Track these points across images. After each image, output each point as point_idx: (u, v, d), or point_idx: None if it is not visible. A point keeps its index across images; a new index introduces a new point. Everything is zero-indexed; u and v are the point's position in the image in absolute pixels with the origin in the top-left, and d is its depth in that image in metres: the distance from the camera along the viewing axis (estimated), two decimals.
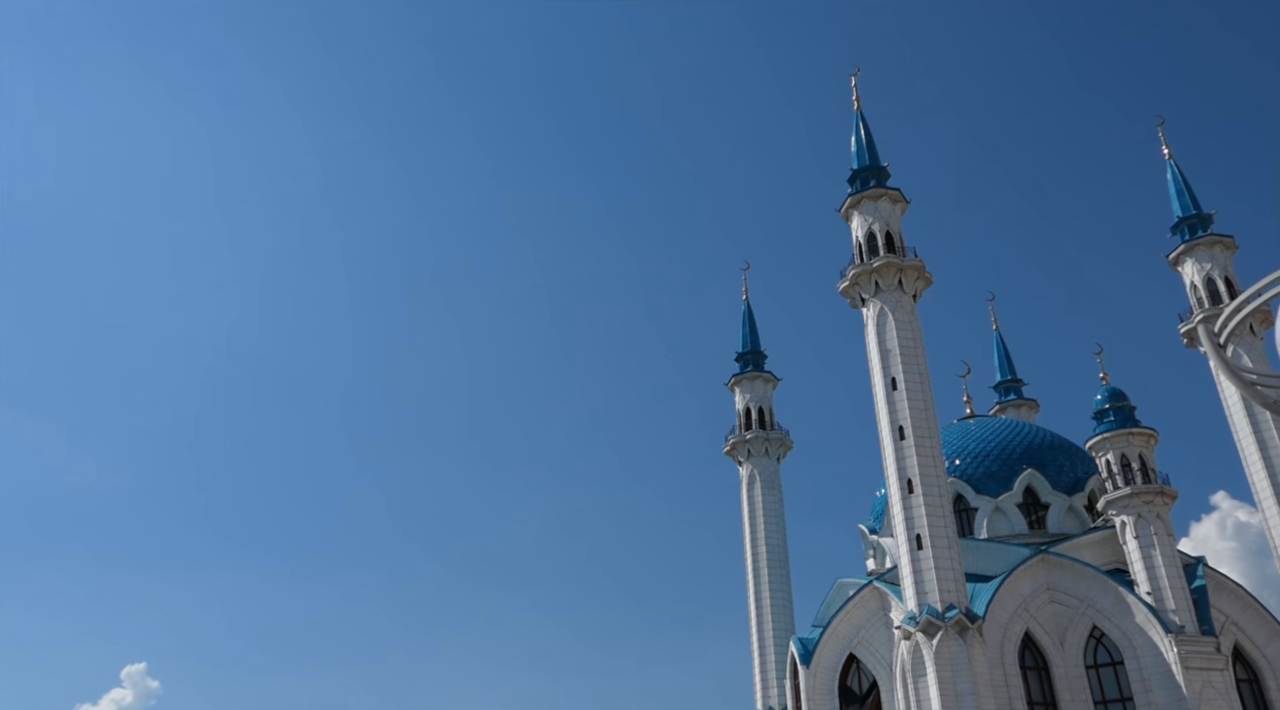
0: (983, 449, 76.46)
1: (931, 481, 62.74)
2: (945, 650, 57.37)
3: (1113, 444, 64.66)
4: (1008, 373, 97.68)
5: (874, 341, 68.49)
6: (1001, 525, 72.16)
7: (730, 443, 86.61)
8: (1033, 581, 63.29)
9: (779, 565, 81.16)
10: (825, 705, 65.85)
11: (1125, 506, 62.76)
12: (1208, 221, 73.63)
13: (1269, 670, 60.63)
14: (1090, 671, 60.75)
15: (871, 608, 67.14)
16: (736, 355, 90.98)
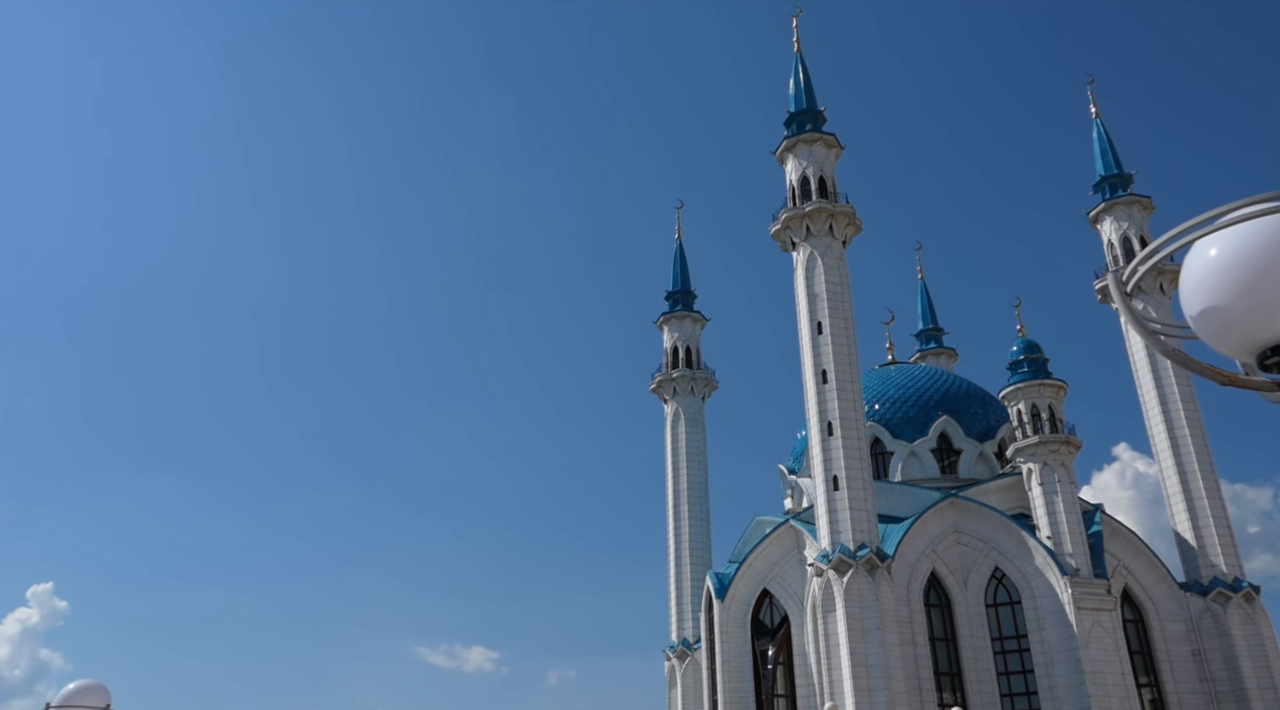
0: (902, 395, 78.34)
1: (851, 425, 64.26)
2: (855, 587, 59.41)
3: (1024, 394, 66.79)
4: (930, 321, 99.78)
5: (802, 285, 69.29)
6: (915, 469, 74.35)
7: (657, 380, 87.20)
8: (941, 524, 65.65)
9: (699, 502, 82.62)
10: (738, 638, 67.81)
11: (1032, 454, 65.17)
12: (1128, 181, 75.63)
13: (1154, 611, 64.20)
14: (990, 610, 63.57)
15: (787, 545, 68.98)
16: (666, 294, 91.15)
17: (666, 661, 78.53)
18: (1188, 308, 3.65)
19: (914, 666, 60.22)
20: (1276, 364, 3.48)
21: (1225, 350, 3.61)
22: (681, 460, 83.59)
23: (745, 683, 66.53)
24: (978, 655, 62.31)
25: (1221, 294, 3.49)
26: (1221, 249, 3.51)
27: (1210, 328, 3.58)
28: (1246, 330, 3.48)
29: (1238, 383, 3.55)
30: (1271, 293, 3.37)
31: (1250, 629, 62.52)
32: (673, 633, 79.05)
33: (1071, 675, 58.92)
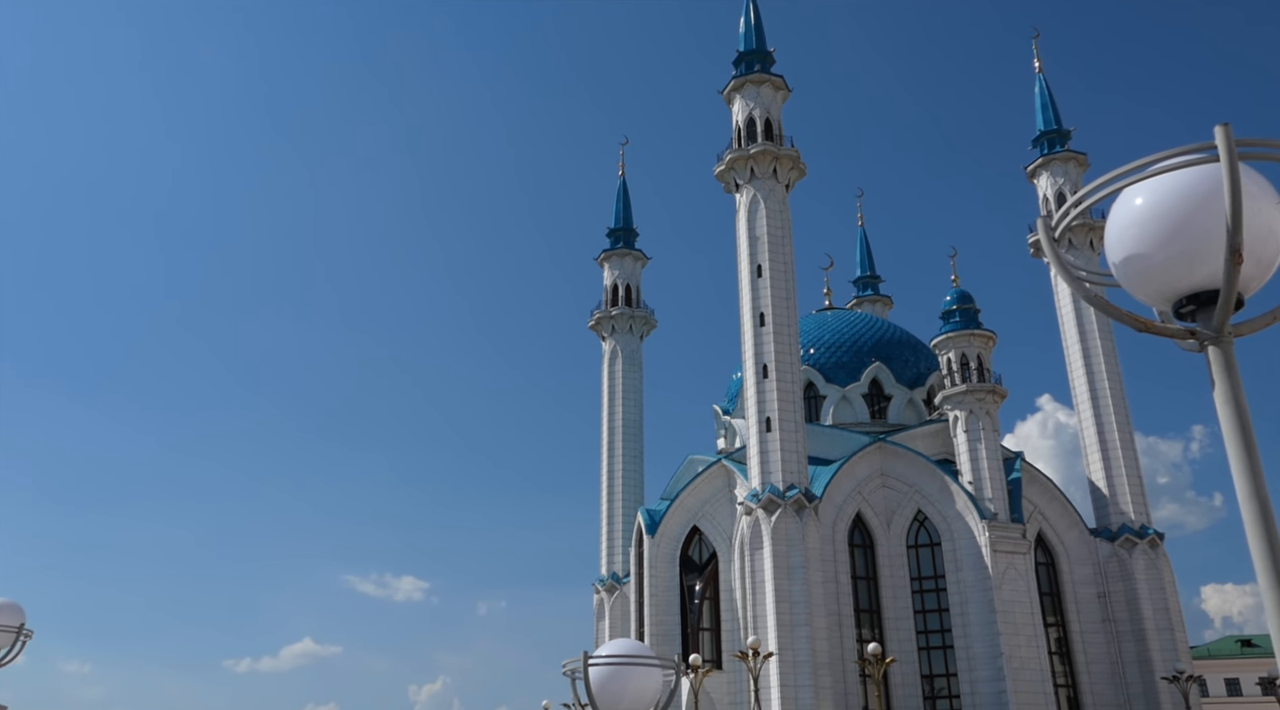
0: (836, 340, 79.44)
1: (786, 368, 65.12)
2: (782, 526, 60.80)
3: (955, 343, 68.21)
4: (867, 268, 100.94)
5: (744, 228, 69.43)
6: (846, 413, 75.79)
7: (595, 318, 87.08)
8: (869, 467, 67.25)
9: (633, 440, 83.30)
10: (666, 573, 69.09)
11: (960, 402, 66.84)
12: (1066, 137, 76.76)
13: (1065, 555, 66.94)
14: (911, 551, 65.65)
15: (718, 484, 70.11)
16: (608, 231, 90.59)
17: (595, 594, 79.79)
18: (1112, 255, 3.73)
19: (835, 603, 62.12)
20: (1191, 313, 3.59)
21: (1144, 298, 3.71)
22: (617, 398, 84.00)
23: (672, 616, 68.00)
24: (897, 594, 64.47)
25: (1144, 242, 3.57)
26: (1147, 198, 3.58)
27: (1131, 275, 3.67)
28: (1166, 279, 3.57)
29: (1154, 330, 3.65)
30: (1192, 243, 3.46)
31: (1153, 573, 65.61)
32: (602, 566, 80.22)
33: (984, 614, 61.36)
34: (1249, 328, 3.56)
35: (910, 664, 62.28)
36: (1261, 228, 3.45)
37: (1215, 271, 3.44)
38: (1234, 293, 3.41)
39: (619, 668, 7.20)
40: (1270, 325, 3.58)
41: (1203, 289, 3.52)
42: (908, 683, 62.02)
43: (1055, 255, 3.75)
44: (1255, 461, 3.38)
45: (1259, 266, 3.47)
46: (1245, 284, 3.47)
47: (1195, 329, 3.58)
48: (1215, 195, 3.40)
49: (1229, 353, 3.53)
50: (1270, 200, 3.53)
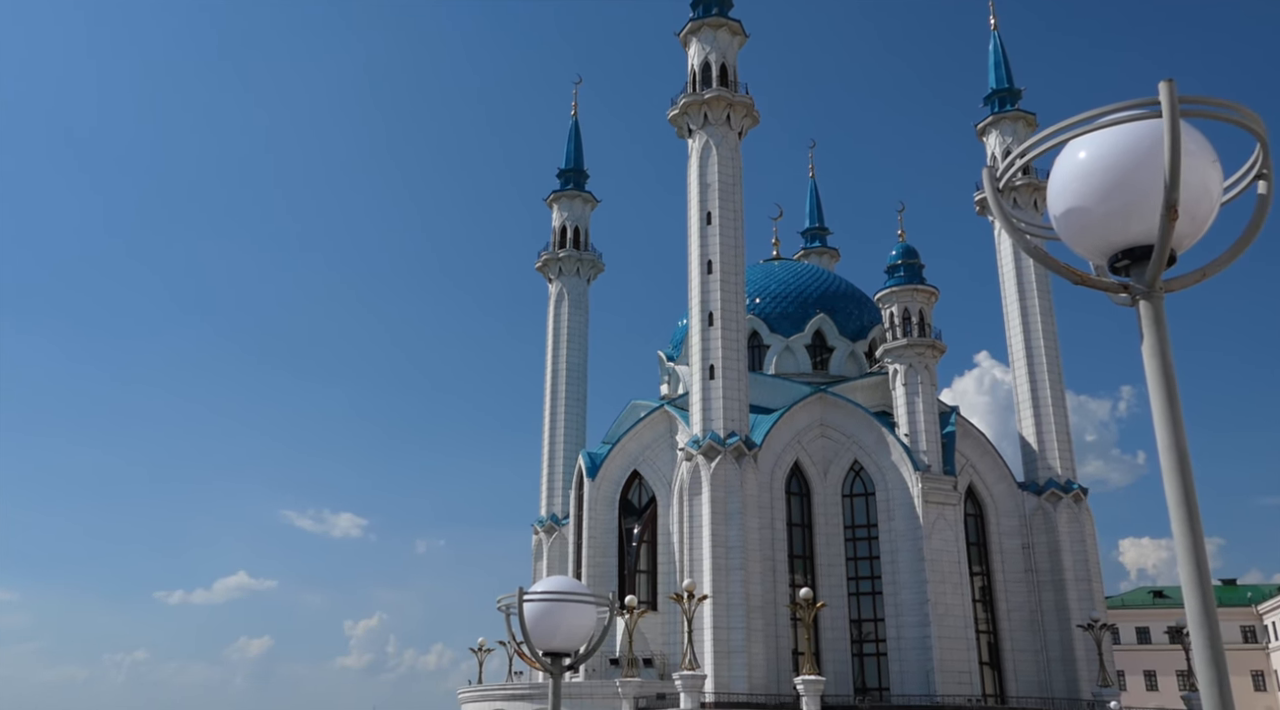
0: (782, 291, 79.92)
1: (731, 316, 65.45)
2: (721, 473, 61.62)
3: (898, 298, 69.06)
4: (816, 220, 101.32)
5: (695, 174, 69.10)
6: (789, 363, 76.60)
7: (543, 259, 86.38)
8: (809, 417, 68.22)
9: (577, 383, 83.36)
10: (605, 515, 69.77)
11: (900, 356, 67.91)
12: (1017, 96, 77.31)
13: (993, 507, 68.94)
14: (846, 500, 67.06)
15: (660, 429, 70.63)
16: (559, 171, 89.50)
17: (534, 535, 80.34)
18: (1053, 208, 3.76)
19: (770, 549, 63.37)
20: (1126, 268, 3.65)
21: (1082, 251, 3.75)
22: (562, 340, 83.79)
23: (609, 558, 68.83)
24: (830, 541, 65.94)
25: (1085, 196, 3.61)
26: (1090, 152, 3.61)
27: (1071, 228, 3.70)
28: (1103, 233, 3.61)
29: (1089, 282, 3.71)
30: (1130, 197, 3.50)
31: (1075, 527, 67.95)
32: (542, 508, 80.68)
33: (913, 562, 63.12)
34: (1180, 284, 3.63)
35: (840, 609, 63.98)
36: (1198, 186, 3.50)
37: (1151, 227, 3.49)
38: (1167, 249, 3.46)
39: (553, 604, 7.26)
40: (1199, 282, 3.65)
41: (1138, 244, 3.57)
42: (837, 626, 63.76)
43: (998, 205, 3.78)
44: (1176, 413, 3.48)
45: (1193, 224, 3.53)
46: (1179, 241, 3.53)
47: (1128, 283, 3.64)
48: (1156, 151, 3.43)
49: (1159, 308, 3.60)
50: (1208, 159, 3.58)
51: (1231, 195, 3.68)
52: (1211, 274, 3.61)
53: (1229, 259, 3.60)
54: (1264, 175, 3.65)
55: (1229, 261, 3.60)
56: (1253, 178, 3.66)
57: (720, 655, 57.67)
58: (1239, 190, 3.67)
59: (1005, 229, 3.83)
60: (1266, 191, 3.63)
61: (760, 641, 59.32)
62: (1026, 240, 3.84)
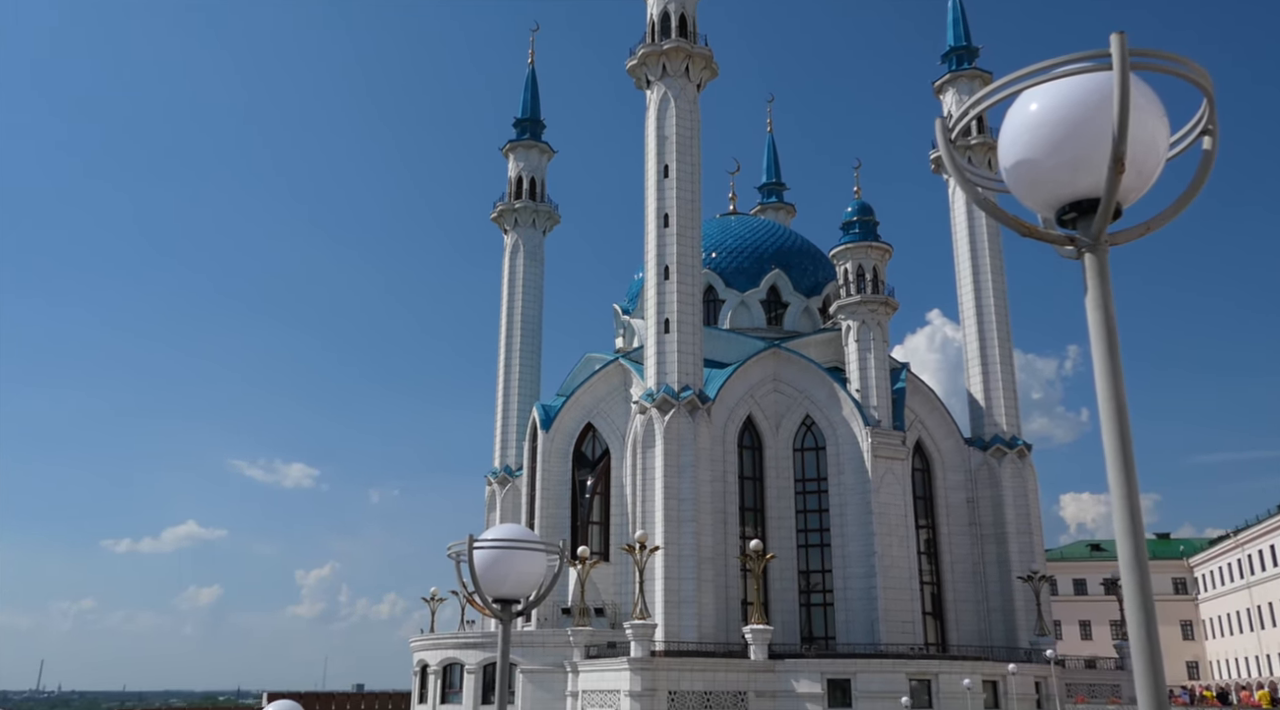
0: (738, 246, 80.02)
1: (687, 270, 65.48)
2: (675, 426, 62.05)
3: (853, 254, 69.50)
4: (773, 175, 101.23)
5: (653, 126, 68.58)
6: (744, 318, 76.97)
7: (498, 210, 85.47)
8: (762, 371, 68.80)
9: (531, 335, 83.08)
10: (559, 467, 70.04)
11: (853, 312, 68.54)
12: (974, 54, 77.52)
13: (940, 462, 70.34)
14: (797, 454, 67.98)
15: (614, 382, 70.82)
16: (515, 121, 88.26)
17: (488, 486, 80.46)
18: (1003, 159, 3.77)
19: (722, 502, 64.18)
20: (1073, 221, 3.68)
21: (1031, 204, 3.78)
22: (518, 292, 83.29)
23: (563, 509, 69.25)
24: (781, 494, 66.93)
25: (1035, 148, 3.62)
26: (1041, 104, 3.62)
27: (1020, 181, 3.72)
28: (1052, 185, 3.64)
29: (1036, 234, 3.74)
30: (1080, 150, 3.52)
31: (1018, 482, 69.64)
32: (496, 459, 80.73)
33: (861, 515, 64.35)
34: (1124, 237, 3.68)
35: (789, 560, 65.14)
36: (1146, 139, 3.53)
37: (1098, 180, 3.51)
38: (1113, 201, 3.50)
39: (503, 551, 7.28)
40: (1143, 236, 3.70)
41: (1085, 197, 3.60)
42: (786, 577, 64.96)
43: (950, 155, 3.78)
44: (1117, 365, 3.54)
45: (1139, 178, 3.56)
46: (1125, 194, 3.56)
47: (1075, 236, 3.68)
48: (1106, 104, 3.45)
49: (1104, 261, 3.64)
50: (1156, 113, 3.61)
51: (1177, 151, 3.72)
52: (1155, 228, 3.66)
53: (1173, 213, 3.65)
54: (1209, 131, 3.70)
55: (1173, 216, 3.65)
56: (1198, 133, 3.70)
57: (671, 605, 58.55)
58: (1185, 146, 3.71)
59: (956, 179, 3.84)
60: (1211, 147, 3.68)
61: (710, 592, 60.29)
62: (977, 192, 3.86)
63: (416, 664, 66.62)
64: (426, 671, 64.69)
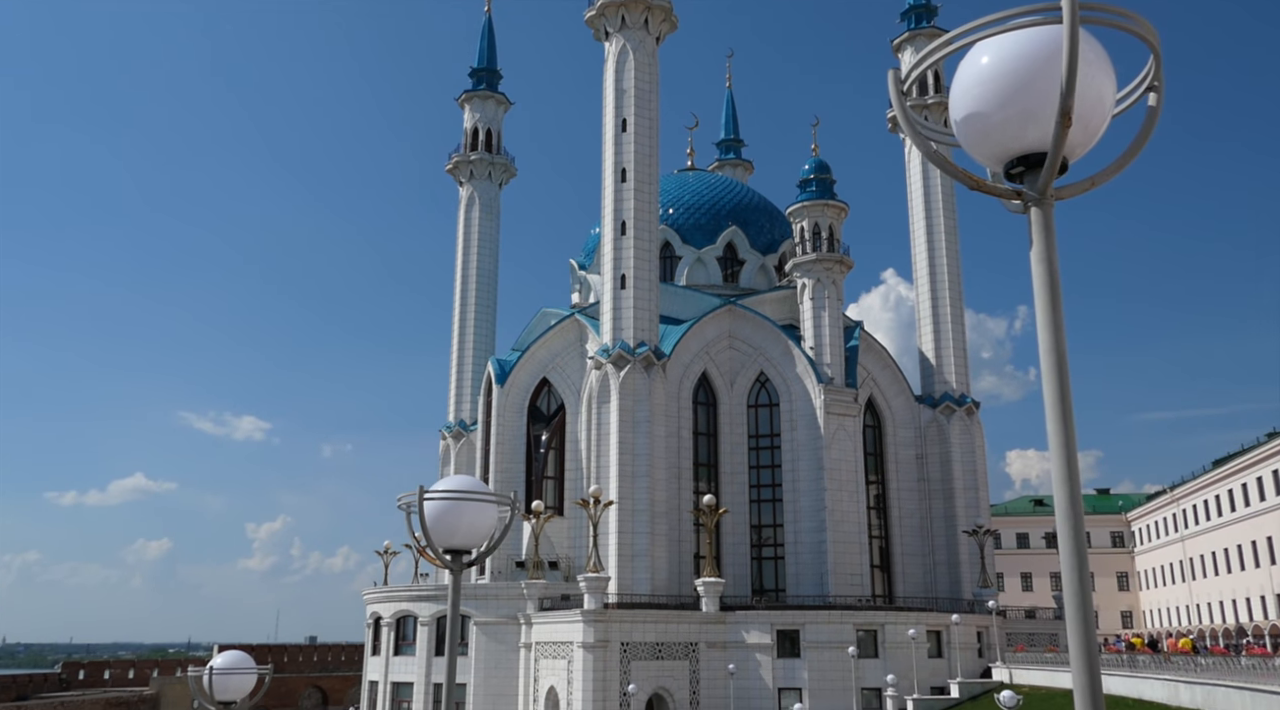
0: (696, 202, 79.83)
1: (644, 226, 65.24)
2: (630, 382, 62.22)
3: (809, 212, 69.69)
4: (732, 131, 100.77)
5: (611, 79, 67.81)
6: (700, 275, 77.05)
7: (454, 161, 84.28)
8: (717, 328, 69.09)
9: (487, 289, 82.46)
10: (514, 422, 70.01)
11: (808, 270, 68.91)
12: (933, 13, 77.47)
13: (891, 419, 71.43)
14: (751, 410, 68.59)
15: (570, 338, 70.70)
16: (471, 70, 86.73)
17: (442, 440, 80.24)
18: (954, 112, 3.78)
19: (676, 457, 64.68)
20: (1020, 175, 3.71)
21: (981, 157, 3.80)
22: (473, 245, 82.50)
23: (517, 464, 69.34)
24: (735, 450, 67.60)
25: (984, 101, 3.63)
26: (992, 57, 3.62)
27: (970, 134, 3.73)
28: (1000, 138, 3.65)
29: (985, 188, 3.77)
30: (1029, 103, 3.53)
31: (966, 438, 71.00)
32: (450, 413, 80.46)
33: (813, 471, 65.28)
34: (1070, 191, 3.71)
35: (742, 515, 66.01)
36: (1093, 94, 3.55)
37: (1046, 134, 3.54)
38: (1060, 155, 3.53)
39: (454, 502, 7.27)
40: (1088, 191, 3.74)
41: (1033, 151, 3.62)
42: (738, 532, 65.86)
43: (902, 107, 3.78)
44: (1058, 317, 3.60)
45: (1085, 132, 3.59)
46: (1071, 149, 3.59)
47: (1022, 190, 3.71)
48: (1056, 58, 3.46)
49: (1049, 215, 3.68)
50: (1104, 68, 3.63)
51: (1124, 106, 3.75)
52: (1100, 182, 3.70)
53: (1117, 168, 3.69)
54: (1155, 88, 3.73)
55: (1117, 171, 3.70)
56: (1144, 89, 3.73)
57: (624, 558, 59.15)
58: (1131, 101, 3.75)
59: (907, 131, 3.85)
60: (1157, 104, 3.72)
61: (664, 545, 60.97)
62: (929, 145, 3.87)
63: (370, 616, 66.75)
64: (380, 624, 64.87)
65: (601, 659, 52.26)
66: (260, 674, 10.68)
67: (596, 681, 51.83)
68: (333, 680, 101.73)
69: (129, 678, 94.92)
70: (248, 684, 10.41)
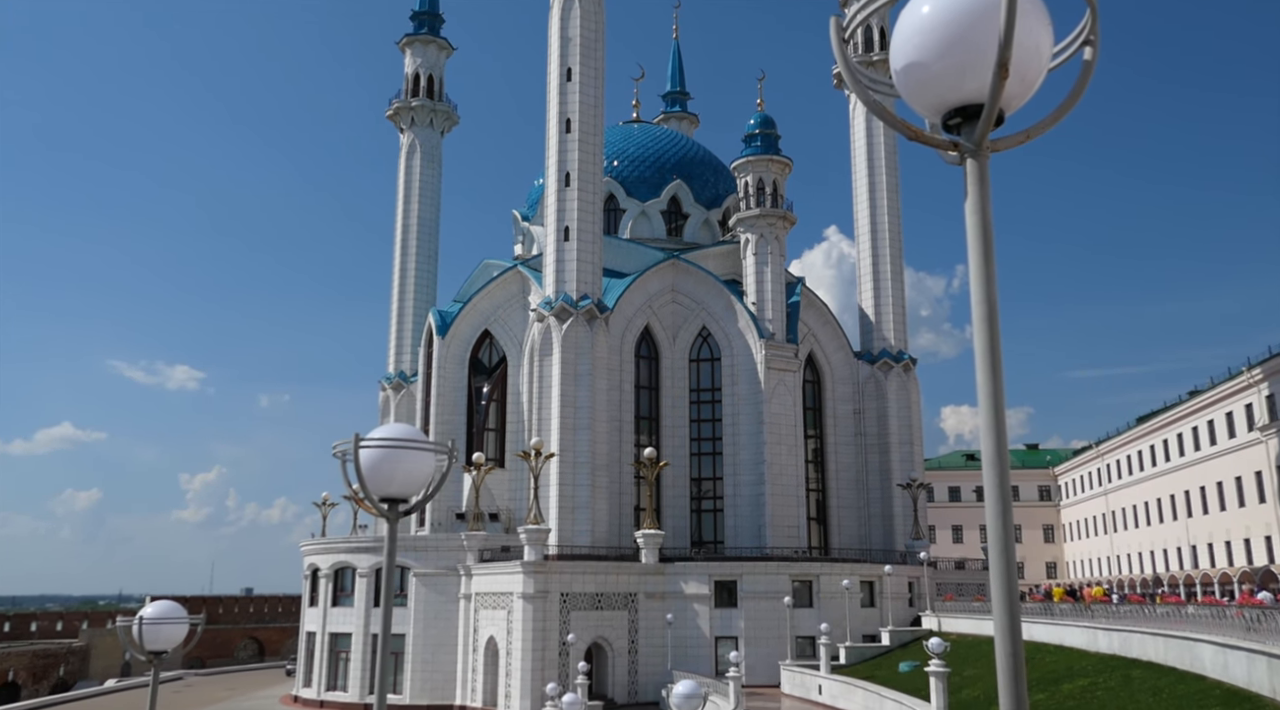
0: (641, 154, 79.28)
1: (589, 178, 64.70)
2: (572, 335, 62.09)
3: (754, 167, 69.71)
4: (678, 84, 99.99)
5: (556, 27, 66.66)
6: (644, 228, 76.80)
7: (394, 107, 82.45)
8: (661, 282, 69.11)
9: (428, 238, 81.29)
10: (455, 374, 69.53)
11: (752, 225, 69.11)
12: None
13: (830, 374, 72.43)
14: (693, 364, 68.99)
15: (512, 290, 70.17)
16: (412, 13, 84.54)
17: (381, 391, 79.46)
18: (894, 62, 3.77)
19: (618, 410, 64.93)
20: (957, 126, 3.72)
21: (920, 108, 3.80)
22: (414, 194, 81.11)
23: (458, 416, 69.01)
24: (676, 403, 68.05)
25: (924, 50, 3.62)
26: (933, 6, 3.61)
27: (909, 84, 3.73)
28: (939, 89, 3.66)
29: (922, 138, 3.78)
30: (968, 55, 3.54)
31: (902, 394, 72.36)
32: (390, 364, 79.62)
33: (753, 425, 66.06)
34: (1005, 143, 3.74)
35: (682, 468, 66.66)
36: (1030, 46, 3.56)
37: (983, 85, 3.55)
38: (996, 107, 3.54)
39: (391, 450, 7.20)
40: (1023, 143, 3.77)
41: (970, 102, 3.64)
42: (678, 484, 66.55)
43: (842, 55, 3.76)
44: (990, 268, 3.65)
45: (1022, 84, 3.61)
46: (1008, 101, 3.61)
47: (958, 141, 3.73)
48: (994, 9, 3.46)
49: (984, 166, 3.71)
50: (1043, 21, 3.64)
51: (1059, 60, 3.77)
52: (1035, 135, 3.73)
53: (1052, 121, 3.72)
54: (1091, 42, 3.76)
55: (1052, 124, 3.73)
56: (1080, 43, 3.76)
57: (565, 510, 59.48)
58: (1067, 55, 3.77)
59: (847, 78, 3.83)
60: (1092, 58, 3.74)
61: (604, 498, 61.39)
62: (869, 94, 3.86)
63: (307, 568, 66.36)
64: (317, 575, 64.54)
65: (541, 609, 52.72)
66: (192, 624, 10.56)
67: (536, 631, 52.33)
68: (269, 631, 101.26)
69: (57, 630, 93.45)
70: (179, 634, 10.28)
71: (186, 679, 78.42)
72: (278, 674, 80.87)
